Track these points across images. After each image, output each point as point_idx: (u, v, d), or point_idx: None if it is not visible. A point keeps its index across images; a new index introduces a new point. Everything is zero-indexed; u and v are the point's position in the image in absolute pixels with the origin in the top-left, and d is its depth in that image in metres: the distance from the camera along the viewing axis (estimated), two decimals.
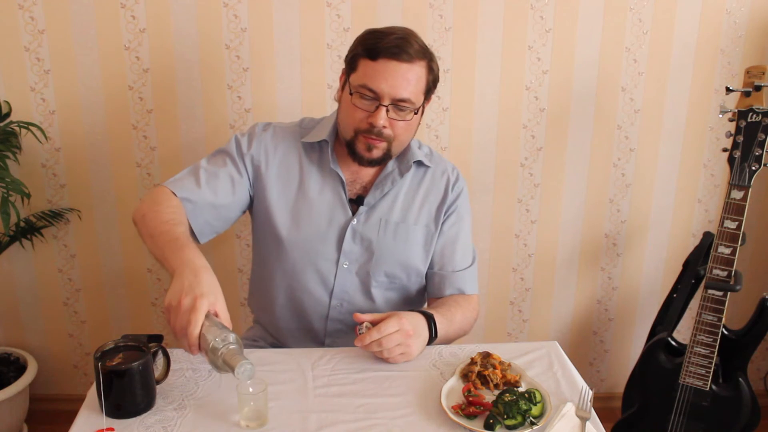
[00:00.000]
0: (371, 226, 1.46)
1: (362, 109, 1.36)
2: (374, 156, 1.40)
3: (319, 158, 1.48)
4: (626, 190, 2.19)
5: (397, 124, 1.38)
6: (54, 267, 2.16)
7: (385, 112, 1.35)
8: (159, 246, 1.24)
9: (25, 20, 1.92)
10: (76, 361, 2.28)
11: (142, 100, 2.01)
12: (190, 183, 1.40)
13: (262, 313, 1.58)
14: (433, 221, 1.50)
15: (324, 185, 1.46)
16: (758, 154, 1.64)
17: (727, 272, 1.69)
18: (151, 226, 1.29)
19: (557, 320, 2.33)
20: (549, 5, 1.99)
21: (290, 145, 1.49)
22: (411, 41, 1.35)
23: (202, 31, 1.95)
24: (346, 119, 1.41)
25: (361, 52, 1.36)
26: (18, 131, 1.97)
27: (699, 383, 1.76)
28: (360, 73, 1.36)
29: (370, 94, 1.35)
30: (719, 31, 2.05)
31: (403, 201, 1.49)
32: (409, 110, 1.37)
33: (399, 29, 1.37)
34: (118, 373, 1.10)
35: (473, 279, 1.54)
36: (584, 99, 2.08)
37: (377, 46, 1.33)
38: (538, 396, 1.16)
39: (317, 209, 1.45)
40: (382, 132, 1.37)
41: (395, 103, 1.35)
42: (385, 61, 1.33)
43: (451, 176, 1.54)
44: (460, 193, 1.54)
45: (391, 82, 1.33)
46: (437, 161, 1.55)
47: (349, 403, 1.17)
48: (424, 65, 1.37)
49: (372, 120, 1.36)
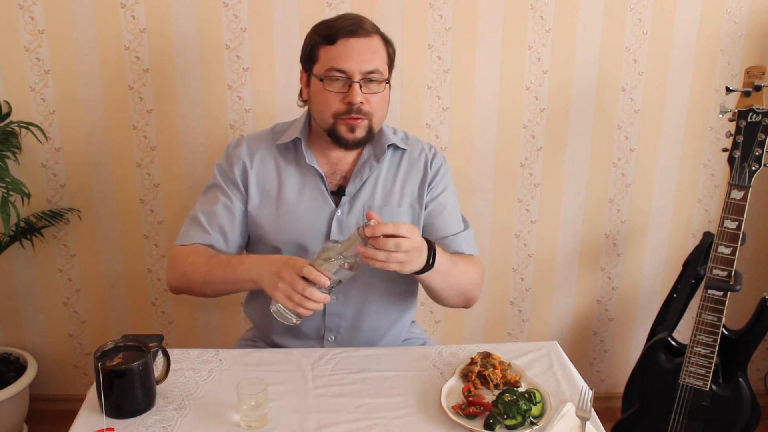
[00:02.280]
0: (355, 215, 1.46)
1: (335, 92, 1.38)
2: (358, 136, 1.41)
3: (295, 157, 1.49)
4: (626, 190, 2.19)
5: (372, 98, 1.39)
6: (54, 267, 2.16)
7: (359, 88, 1.37)
8: (219, 280, 1.35)
9: (25, 20, 1.92)
10: (76, 361, 2.28)
11: (142, 100, 2.01)
12: (197, 231, 1.45)
13: (261, 316, 1.57)
14: (417, 201, 1.50)
15: (303, 182, 1.47)
16: (758, 154, 1.64)
17: (727, 272, 1.69)
18: (198, 275, 1.38)
19: (557, 320, 2.33)
20: (549, 5, 1.99)
21: (264, 151, 1.50)
22: (363, 19, 1.40)
23: (202, 31, 1.95)
24: (321, 108, 1.41)
25: (318, 40, 1.40)
26: (18, 131, 1.97)
27: (699, 383, 1.76)
28: (323, 60, 1.39)
29: (339, 74, 1.36)
30: (719, 31, 2.05)
31: (383, 185, 1.49)
32: (378, 81, 1.39)
33: (347, 14, 1.42)
34: (118, 373, 1.10)
35: (469, 242, 1.53)
36: (584, 99, 2.08)
37: (332, 30, 1.38)
38: (538, 396, 1.16)
39: (300, 207, 1.46)
40: (361, 109, 1.38)
41: (366, 77, 1.37)
42: (345, 41, 1.36)
43: (428, 154, 1.54)
44: (439, 168, 1.53)
45: (356, 57, 1.36)
46: (413, 143, 1.55)
47: (349, 403, 1.17)
48: (379, 38, 1.41)
49: (349, 99, 1.37)
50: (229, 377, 1.24)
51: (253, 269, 1.28)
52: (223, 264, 1.36)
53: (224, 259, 1.37)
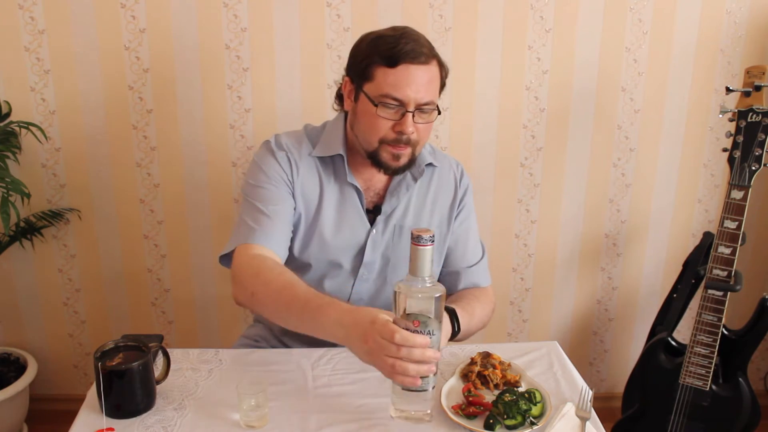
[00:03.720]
0: (388, 234, 1.45)
1: (387, 118, 1.32)
2: (401, 164, 1.36)
3: (334, 170, 1.44)
4: (626, 190, 2.19)
5: (421, 128, 1.35)
6: (54, 267, 2.16)
7: (412, 118, 1.31)
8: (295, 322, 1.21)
9: (25, 20, 1.92)
10: (76, 361, 2.28)
11: (142, 100, 2.01)
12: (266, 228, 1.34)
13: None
14: (445, 221, 1.50)
15: (342, 199, 1.44)
16: (758, 154, 1.64)
17: (727, 272, 1.69)
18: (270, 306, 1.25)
19: (557, 320, 2.33)
20: (549, 5, 1.99)
21: (307, 159, 1.43)
22: (422, 41, 1.32)
23: (202, 31, 1.95)
24: (368, 131, 1.35)
25: (377, 59, 1.31)
26: (18, 131, 1.97)
27: (699, 383, 1.76)
28: (379, 81, 1.31)
29: (394, 102, 1.30)
30: (719, 31, 2.05)
31: (415, 204, 1.47)
32: (431, 111, 1.34)
33: (403, 30, 1.34)
34: (118, 373, 1.10)
35: (485, 271, 1.55)
36: (584, 99, 2.08)
37: (395, 51, 1.29)
38: (538, 396, 1.16)
39: (339, 224, 1.43)
40: (410, 139, 1.33)
41: (419, 107, 1.32)
42: (405, 67, 1.29)
43: (456, 173, 1.53)
44: (467, 188, 1.53)
45: (414, 87, 1.29)
46: (441, 159, 1.54)
47: (349, 403, 1.17)
48: (436, 63, 1.34)
49: (401, 128, 1.32)
50: (229, 377, 1.24)
51: (339, 328, 1.11)
52: (300, 304, 1.18)
53: (302, 295, 1.19)
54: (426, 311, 1.02)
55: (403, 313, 1.03)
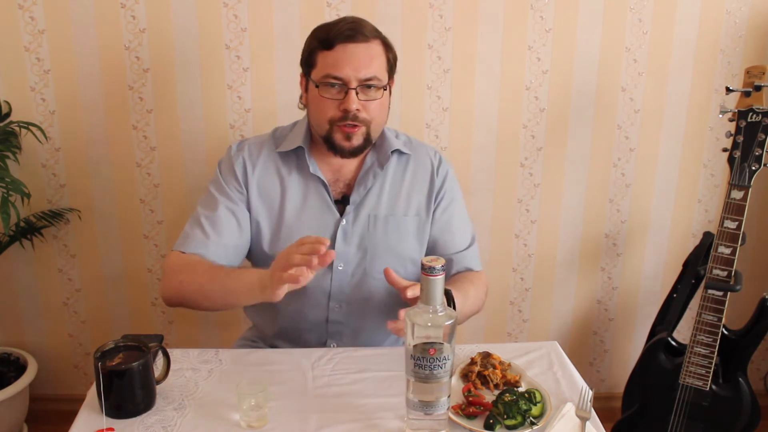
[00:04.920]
0: (360, 224, 1.45)
1: (331, 98, 1.36)
2: (354, 144, 1.38)
3: (297, 165, 1.46)
4: (626, 190, 2.19)
5: (370, 105, 1.37)
6: (54, 267, 2.16)
7: (356, 95, 1.34)
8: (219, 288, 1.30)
9: (25, 20, 1.92)
10: (76, 361, 2.28)
11: (142, 100, 2.01)
12: (198, 236, 1.41)
13: (262, 321, 1.57)
14: (424, 210, 1.49)
15: (307, 191, 1.45)
16: (758, 154, 1.64)
17: (727, 272, 1.69)
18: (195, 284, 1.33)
19: (557, 320, 2.33)
20: (549, 5, 1.99)
21: (266, 158, 1.47)
22: (363, 23, 1.37)
23: (202, 31, 1.95)
24: (317, 114, 1.39)
25: (316, 45, 1.37)
26: (18, 131, 1.97)
27: (699, 383, 1.76)
28: (320, 65, 1.36)
29: (336, 81, 1.34)
30: (719, 31, 2.05)
31: (389, 193, 1.47)
32: (377, 87, 1.36)
33: (348, 17, 1.39)
34: (118, 373, 1.10)
35: (476, 257, 1.54)
36: (584, 99, 2.08)
37: (330, 34, 1.35)
38: (538, 396, 1.16)
39: (304, 217, 1.44)
40: (357, 116, 1.35)
41: (363, 84, 1.34)
42: (342, 46, 1.34)
43: (434, 161, 1.52)
44: (445, 176, 1.52)
45: (353, 64, 1.33)
46: (417, 147, 1.53)
47: (349, 403, 1.17)
48: (379, 43, 1.38)
49: (345, 106, 1.34)
50: (229, 377, 1.24)
51: (255, 273, 1.25)
52: (224, 273, 1.32)
53: (227, 269, 1.34)
54: (439, 338, 1.03)
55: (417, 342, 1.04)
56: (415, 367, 1.03)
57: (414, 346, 1.03)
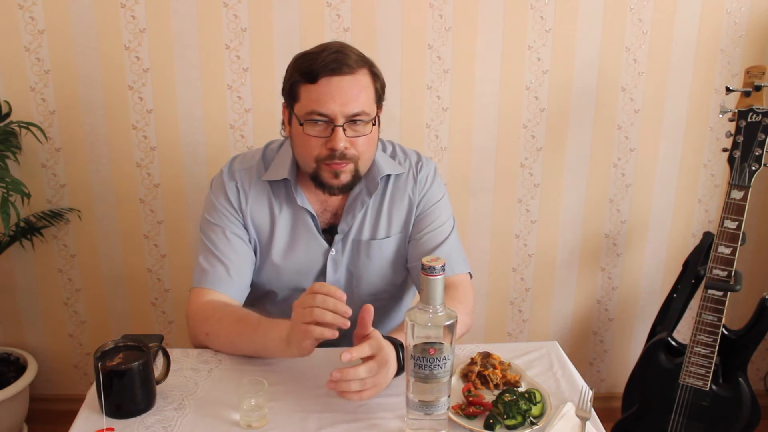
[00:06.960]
0: (347, 251, 1.42)
1: (317, 136, 1.27)
2: (343, 181, 1.31)
3: (285, 194, 1.40)
4: (626, 190, 2.19)
5: (358, 141, 1.28)
6: (54, 267, 2.16)
7: (343, 132, 1.26)
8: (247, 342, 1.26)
9: (25, 20, 1.92)
10: (76, 361, 2.28)
11: (142, 100, 2.01)
12: (217, 271, 1.36)
13: None
14: (402, 226, 1.44)
15: (296, 222, 1.41)
16: (758, 154, 1.64)
17: (727, 272, 1.69)
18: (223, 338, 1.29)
19: (557, 320, 2.33)
20: (549, 5, 1.99)
21: (257, 188, 1.41)
22: (347, 52, 1.27)
23: (202, 31, 1.95)
24: (303, 152, 1.32)
25: (298, 78, 1.28)
26: (18, 131, 1.97)
27: (699, 383, 1.76)
28: (304, 99, 1.27)
29: (321, 118, 1.26)
30: (719, 31, 2.05)
31: (371, 217, 1.43)
32: (365, 122, 1.28)
33: (331, 44, 1.30)
34: (118, 373, 1.10)
35: (459, 256, 1.44)
36: (584, 99, 2.08)
37: (313, 66, 1.25)
38: (538, 396, 1.16)
39: (294, 249, 1.41)
40: (345, 154, 1.28)
41: (350, 119, 1.26)
42: (327, 79, 1.24)
43: (414, 170, 1.45)
44: (426, 181, 1.45)
45: (339, 99, 1.24)
46: (401, 161, 1.46)
47: (349, 403, 1.17)
48: (366, 72, 1.29)
49: (331, 145, 1.27)
50: (229, 377, 1.24)
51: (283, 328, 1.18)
52: (252, 327, 1.25)
53: (253, 321, 1.26)
54: (439, 338, 1.03)
55: (417, 342, 1.04)
56: (415, 367, 1.03)
57: (414, 346, 1.03)
